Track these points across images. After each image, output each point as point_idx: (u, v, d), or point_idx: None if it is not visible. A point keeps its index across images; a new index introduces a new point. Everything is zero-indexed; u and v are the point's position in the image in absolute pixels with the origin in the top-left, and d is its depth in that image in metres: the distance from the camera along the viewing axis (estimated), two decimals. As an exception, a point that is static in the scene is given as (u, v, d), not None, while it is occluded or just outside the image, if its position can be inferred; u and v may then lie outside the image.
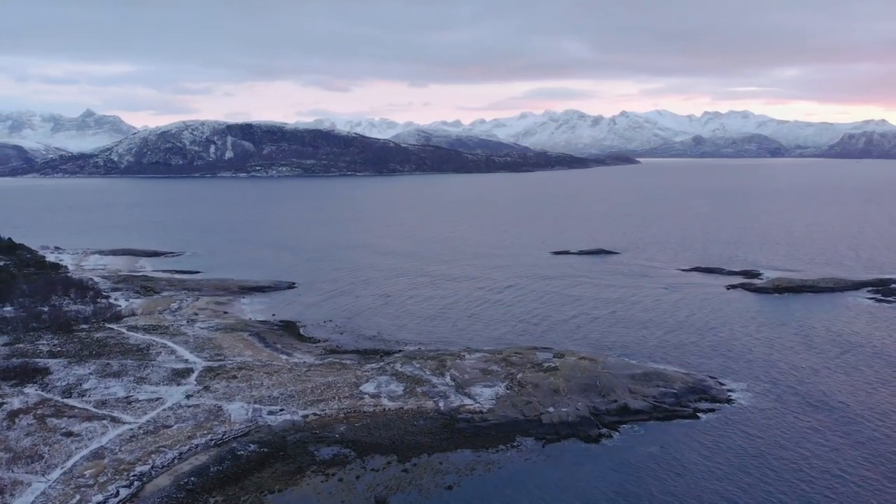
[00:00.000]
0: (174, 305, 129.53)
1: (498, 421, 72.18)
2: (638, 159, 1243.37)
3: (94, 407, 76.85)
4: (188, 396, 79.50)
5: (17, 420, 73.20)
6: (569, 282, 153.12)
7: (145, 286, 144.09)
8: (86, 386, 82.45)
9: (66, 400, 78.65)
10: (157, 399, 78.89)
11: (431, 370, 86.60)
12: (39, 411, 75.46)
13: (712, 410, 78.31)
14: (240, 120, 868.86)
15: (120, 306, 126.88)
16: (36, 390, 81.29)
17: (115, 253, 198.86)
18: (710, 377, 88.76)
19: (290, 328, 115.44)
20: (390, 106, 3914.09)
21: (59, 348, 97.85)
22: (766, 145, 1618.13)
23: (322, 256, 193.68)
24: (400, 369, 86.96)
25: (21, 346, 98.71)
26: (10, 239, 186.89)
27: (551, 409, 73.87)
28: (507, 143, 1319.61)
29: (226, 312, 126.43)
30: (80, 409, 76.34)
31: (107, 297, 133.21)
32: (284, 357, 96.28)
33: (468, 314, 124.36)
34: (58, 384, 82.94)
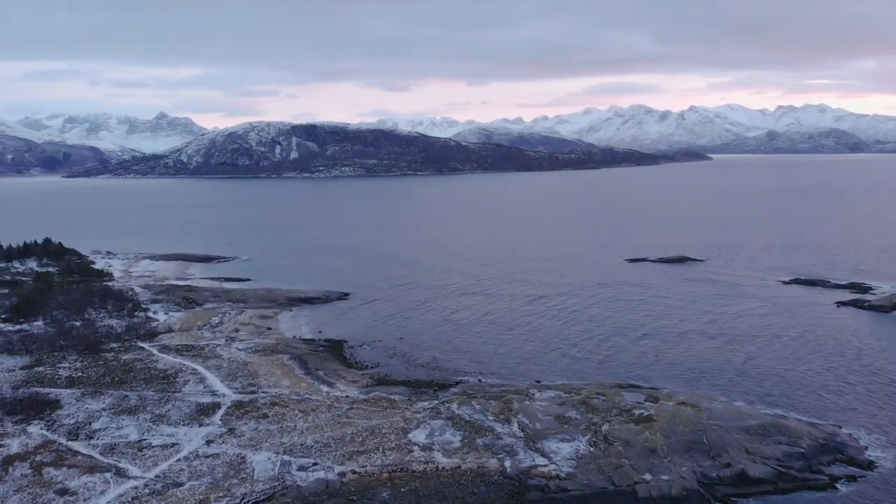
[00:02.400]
0: (215, 320, 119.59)
1: (580, 491, 57.25)
2: (710, 156, 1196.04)
3: (100, 454, 65.78)
4: (208, 442, 67.68)
5: (10, 469, 62.80)
6: (650, 296, 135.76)
7: (188, 297, 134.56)
8: (96, 425, 71.66)
9: (70, 443, 67.94)
10: (173, 445, 67.29)
11: (494, 414, 72.33)
12: (38, 457, 64.91)
13: (852, 479, 61.58)
14: (304, 121, 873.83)
15: (157, 321, 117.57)
16: (41, 429, 71.01)
17: (166, 258, 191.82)
18: (838, 427, 71.72)
19: (335, 349, 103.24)
20: (450, 105, 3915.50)
21: (79, 373, 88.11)
22: (844, 140, 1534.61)
23: (378, 263, 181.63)
24: (457, 411, 73.07)
25: (40, 369, 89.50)
26: (60, 243, 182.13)
27: (648, 477, 58.52)
28: (571, 140, 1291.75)
29: (269, 329, 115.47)
30: (83, 455, 65.40)
31: (145, 310, 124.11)
32: (325, 389, 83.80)
33: (534, 336, 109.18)
34: (66, 422, 72.52)
